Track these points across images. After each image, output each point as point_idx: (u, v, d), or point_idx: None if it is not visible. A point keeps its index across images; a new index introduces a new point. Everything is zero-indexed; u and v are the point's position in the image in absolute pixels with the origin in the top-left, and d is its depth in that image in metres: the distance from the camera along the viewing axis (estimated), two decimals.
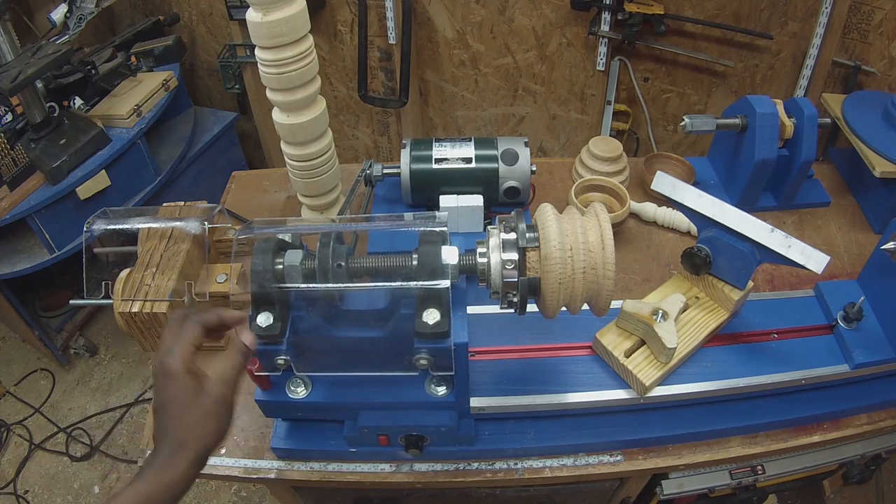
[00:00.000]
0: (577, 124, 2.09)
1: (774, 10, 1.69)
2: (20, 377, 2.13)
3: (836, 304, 0.90)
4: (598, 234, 0.64)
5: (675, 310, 0.83)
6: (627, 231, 1.13)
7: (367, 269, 0.66)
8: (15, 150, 1.58)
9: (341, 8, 1.96)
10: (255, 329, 0.66)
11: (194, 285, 0.93)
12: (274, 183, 1.27)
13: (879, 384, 0.89)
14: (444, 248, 0.63)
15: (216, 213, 0.97)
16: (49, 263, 1.71)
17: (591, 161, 1.15)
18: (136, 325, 0.90)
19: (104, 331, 2.26)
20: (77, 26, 1.76)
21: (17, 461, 1.92)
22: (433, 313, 0.64)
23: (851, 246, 1.12)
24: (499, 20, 1.87)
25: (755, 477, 0.96)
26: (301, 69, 0.91)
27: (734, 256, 0.82)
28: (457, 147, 1.07)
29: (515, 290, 0.64)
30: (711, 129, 1.09)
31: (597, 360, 0.86)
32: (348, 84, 2.16)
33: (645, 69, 1.89)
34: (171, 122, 2.05)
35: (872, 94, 1.21)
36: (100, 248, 1.02)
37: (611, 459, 0.85)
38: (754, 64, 1.81)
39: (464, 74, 2.03)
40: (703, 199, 0.83)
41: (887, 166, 1.05)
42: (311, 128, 0.98)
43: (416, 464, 0.84)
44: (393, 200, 1.16)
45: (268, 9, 0.85)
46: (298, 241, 0.69)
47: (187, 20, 2.20)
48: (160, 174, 1.89)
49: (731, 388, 0.82)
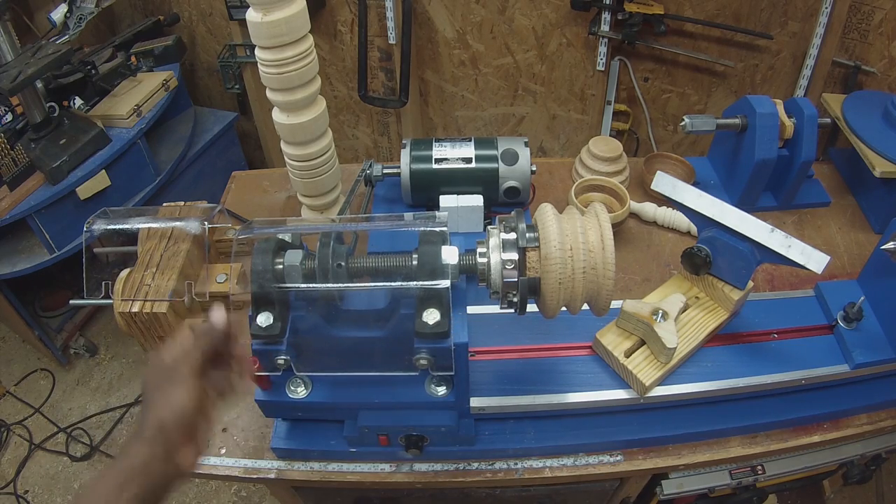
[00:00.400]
0: (577, 124, 2.09)
1: (774, 10, 1.69)
2: (20, 377, 2.13)
3: (836, 304, 0.90)
4: (598, 234, 0.64)
5: (675, 310, 0.83)
6: (627, 231, 1.13)
7: (367, 269, 0.66)
8: (15, 150, 1.58)
9: (341, 8, 1.96)
10: (254, 329, 0.66)
11: (194, 285, 0.93)
12: (274, 183, 1.27)
13: (879, 384, 0.89)
14: (444, 248, 0.63)
15: (216, 213, 0.97)
16: (49, 263, 1.71)
17: (591, 161, 1.15)
18: (136, 325, 0.90)
19: (104, 331, 2.26)
20: (77, 26, 1.76)
21: (17, 461, 1.92)
22: (433, 313, 0.64)
23: (851, 246, 1.12)
24: (499, 20, 1.87)
25: (755, 477, 0.96)
26: (301, 69, 0.91)
27: (734, 256, 0.82)
28: (457, 147, 1.07)
29: (515, 290, 0.64)
30: (711, 129, 1.09)
31: (597, 360, 0.86)
32: (348, 84, 2.16)
33: (645, 69, 1.89)
34: (171, 122, 2.05)
35: (872, 94, 1.21)
36: (100, 248, 1.02)
37: (611, 459, 0.85)
38: (754, 64, 1.81)
39: (464, 74, 2.03)
40: (703, 199, 0.83)
41: (887, 166, 1.05)
42: (311, 128, 0.98)
43: (416, 464, 0.84)
44: (393, 200, 1.16)
45: (268, 9, 0.85)
46: (298, 241, 0.69)
47: (187, 20, 2.20)
48: (160, 174, 1.89)
49: (731, 388, 0.82)
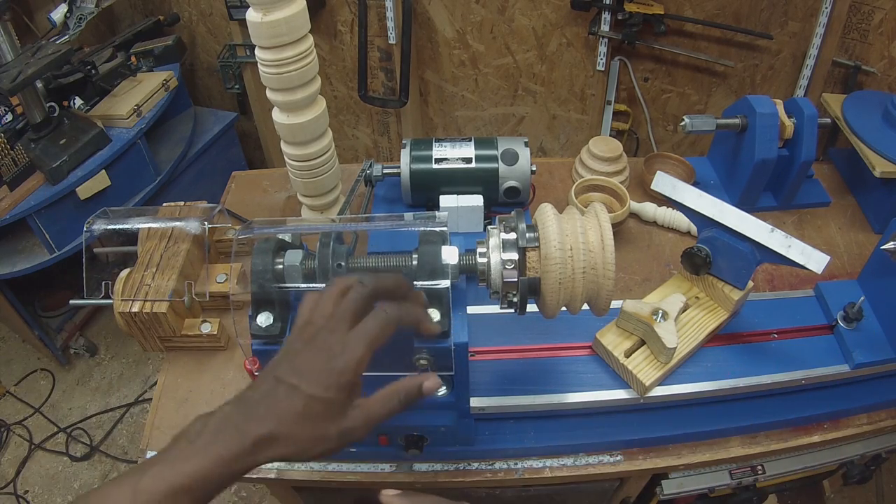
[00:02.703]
0: (577, 124, 2.09)
1: (774, 10, 1.69)
2: (20, 377, 2.13)
3: (836, 304, 0.90)
4: (598, 234, 0.64)
5: (675, 310, 0.83)
6: (627, 231, 1.13)
7: (368, 269, 0.66)
8: (15, 150, 1.58)
9: (341, 8, 1.96)
10: (254, 329, 0.66)
11: (194, 285, 0.93)
12: (274, 183, 1.27)
13: (879, 384, 0.89)
14: (444, 248, 0.63)
15: (216, 213, 0.97)
16: (49, 263, 1.71)
17: (591, 161, 1.15)
18: (136, 325, 0.90)
19: (104, 331, 2.26)
20: (77, 26, 1.76)
21: (17, 461, 1.92)
22: (433, 313, 0.64)
23: (851, 246, 1.12)
24: (499, 20, 1.87)
25: (755, 477, 0.96)
26: (301, 69, 0.91)
27: (734, 256, 0.82)
28: (457, 147, 1.07)
29: (515, 290, 0.64)
30: (711, 129, 1.09)
31: (597, 360, 0.86)
32: (348, 84, 2.16)
33: (645, 69, 1.89)
34: (171, 122, 2.05)
35: (872, 94, 1.21)
36: (100, 248, 1.02)
37: (611, 459, 0.85)
38: (754, 64, 1.81)
39: (464, 74, 2.03)
40: (703, 199, 0.83)
41: (887, 166, 1.05)
42: (311, 128, 0.98)
43: (416, 464, 0.84)
44: (393, 200, 1.16)
45: (268, 9, 0.85)
46: (298, 241, 0.69)
47: (187, 20, 2.20)
48: (160, 174, 1.89)
49: (731, 388, 0.82)
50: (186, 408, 0.90)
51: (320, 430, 0.47)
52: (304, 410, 0.46)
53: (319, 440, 0.47)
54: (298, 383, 0.47)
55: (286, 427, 0.46)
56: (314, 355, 0.48)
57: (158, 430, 0.88)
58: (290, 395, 0.47)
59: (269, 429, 0.46)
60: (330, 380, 0.47)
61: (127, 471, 0.46)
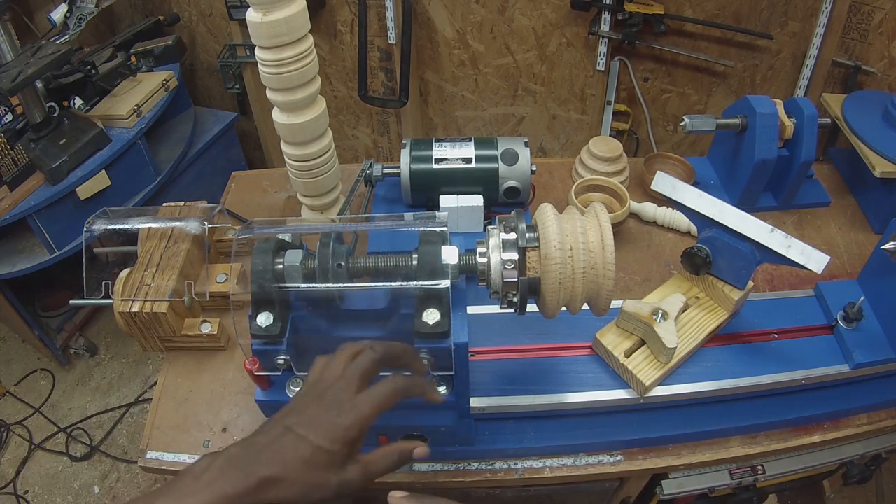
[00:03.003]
0: (577, 124, 2.09)
1: (774, 10, 1.69)
2: (20, 377, 2.13)
3: (836, 304, 0.90)
4: (598, 234, 0.64)
5: (675, 310, 0.83)
6: (627, 231, 1.13)
7: (367, 269, 0.66)
8: (15, 150, 1.58)
9: (341, 8, 1.96)
10: (254, 329, 0.66)
11: (194, 285, 0.93)
12: (274, 183, 1.27)
13: (879, 384, 0.89)
14: (444, 248, 0.63)
15: (216, 213, 0.97)
16: (49, 263, 1.71)
17: (591, 161, 1.15)
18: (136, 325, 0.90)
19: (104, 331, 2.26)
20: (77, 26, 1.76)
21: (17, 461, 1.92)
22: (433, 313, 0.64)
23: (851, 246, 1.12)
24: (499, 20, 1.87)
25: (755, 477, 0.96)
26: (301, 69, 0.91)
27: (734, 256, 0.82)
28: (457, 147, 1.07)
29: (515, 290, 0.64)
30: (711, 129, 1.09)
31: (597, 360, 0.86)
32: (348, 84, 2.16)
33: (645, 69, 1.89)
34: (171, 122, 2.05)
35: (872, 94, 1.21)
36: (100, 248, 1.02)
37: (611, 459, 0.85)
38: (754, 64, 1.81)
39: (464, 74, 2.03)
40: (703, 199, 0.83)
41: (887, 166, 1.05)
42: (311, 128, 0.98)
43: (416, 464, 0.84)
44: (393, 200, 1.16)
45: (268, 9, 0.85)
46: (298, 241, 0.69)
47: (187, 20, 2.20)
48: (160, 174, 1.89)
49: (731, 388, 0.82)
50: (186, 408, 0.90)
51: (322, 478, 0.51)
52: (310, 459, 0.50)
53: (319, 487, 0.51)
54: (307, 434, 0.51)
55: (291, 472, 0.49)
56: (324, 410, 0.53)
57: (158, 430, 0.88)
58: (297, 443, 0.51)
59: (275, 472, 0.49)
60: (336, 433, 0.51)
61: (131, 501, 0.49)
